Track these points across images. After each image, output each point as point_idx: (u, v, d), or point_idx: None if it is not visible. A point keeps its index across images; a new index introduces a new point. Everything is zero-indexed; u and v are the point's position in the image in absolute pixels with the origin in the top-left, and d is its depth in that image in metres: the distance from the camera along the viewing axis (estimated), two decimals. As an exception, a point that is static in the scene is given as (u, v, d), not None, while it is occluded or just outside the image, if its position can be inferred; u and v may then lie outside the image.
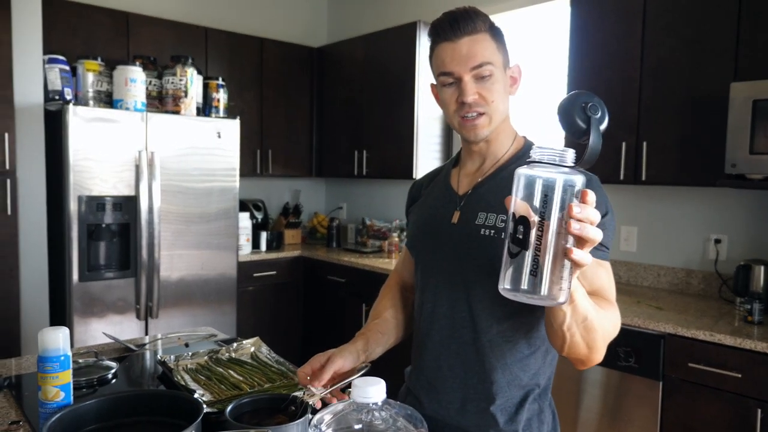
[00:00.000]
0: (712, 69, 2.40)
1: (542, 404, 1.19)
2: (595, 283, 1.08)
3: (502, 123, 1.19)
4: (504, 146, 1.22)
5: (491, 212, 1.15)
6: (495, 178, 1.20)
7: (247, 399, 1.17)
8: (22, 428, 1.17)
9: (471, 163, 1.26)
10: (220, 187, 3.48)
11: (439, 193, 1.30)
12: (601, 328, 1.00)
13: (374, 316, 1.37)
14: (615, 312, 1.08)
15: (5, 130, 2.82)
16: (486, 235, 1.14)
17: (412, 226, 1.34)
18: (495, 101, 1.14)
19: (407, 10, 4.17)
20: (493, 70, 1.13)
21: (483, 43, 1.13)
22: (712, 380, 2.13)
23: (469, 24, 1.12)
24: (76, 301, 3.00)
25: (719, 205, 2.73)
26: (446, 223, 1.22)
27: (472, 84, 1.13)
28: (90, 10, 3.44)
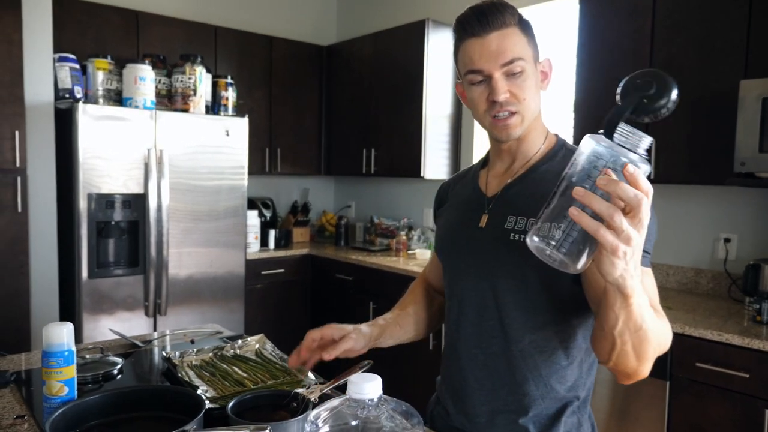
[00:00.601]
0: (722, 67, 2.37)
1: (581, 417, 1.14)
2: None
3: (534, 121, 1.13)
4: (535, 145, 1.16)
5: (521, 216, 1.09)
6: (525, 179, 1.14)
7: (249, 395, 1.18)
8: (27, 423, 1.18)
9: (500, 163, 1.21)
10: (229, 185, 3.50)
11: (467, 195, 1.25)
12: (655, 340, 0.92)
13: (400, 307, 1.36)
14: (667, 323, 0.99)
15: (16, 128, 2.85)
16: (515, 240, 1.08)
17: (440, 230, 1.30)
18: (527, 99, 1.08)
19: (416, 8, 4.17)
20: (525, 65, 1.06)
21: (513, 38, 1.06)
22: (719, 380, 2.11)
23: (497, 18, 1.06)
24: (86, 297, 3.03)
25: (729, 203, 2.70)
26: (474, 226, 1.17)
27: (503, 81, 1.06)
28: (100, 9, 3.47)
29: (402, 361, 3.43)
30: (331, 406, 0.75)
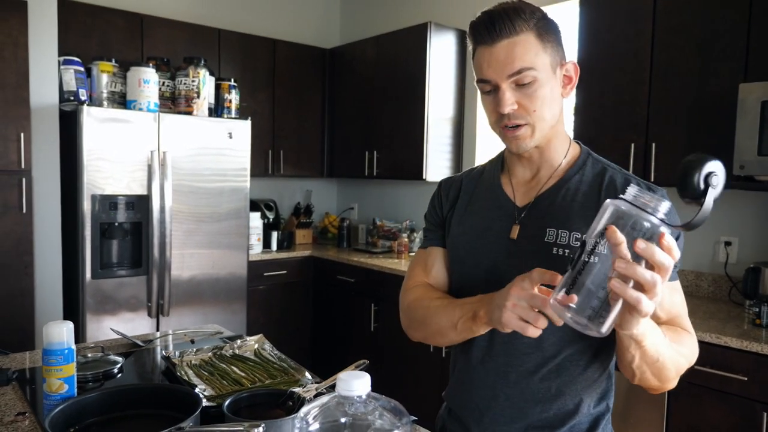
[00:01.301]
0: (721, 70, 2.38)
1: (607, 429, 1.13)
2: (672, 310, 1.03)
3: (554, 128, 1.08)
4: (559, 153, 1.11)
5: (563, 229, 1.05)
6: (559, 190, 1.09)
7: (246, 394, 1.20)
8: (27, 419, 1.20)
9: (523, 170, 1.15)
10: (231, 187, 3.52)
11: (491, 201, 1.17)
12: (674, 365, 0.96)
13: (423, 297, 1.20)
14: (692, 342, 1.02)
15: (21, 130, 2.88)
16: (559, 254, 1.03)
17: (461, 237, 1.18)
18: (538, 110, 1.02)
19: (418, 11, 4.19)
20: (536, 75, 1.00)
21: (524, 46, 1.00)
22: (718, 383, 2.11)
23: (507, 25, 1.00)
24: (89, 298, 3.06)
25: (729, 207, 2.71)
26: (503, 237, 1.10)
27: (510, 92, 1.02)
28: (105, 12, 3.51)
29: (404, 364, 3.45)
30: (320, 403, 0.77)
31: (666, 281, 0.78)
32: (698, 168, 0.79)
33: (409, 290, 1.24)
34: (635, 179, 1.07)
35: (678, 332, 1.01)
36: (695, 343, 1.04)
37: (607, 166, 1.11)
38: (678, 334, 1.01)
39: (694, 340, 1.04)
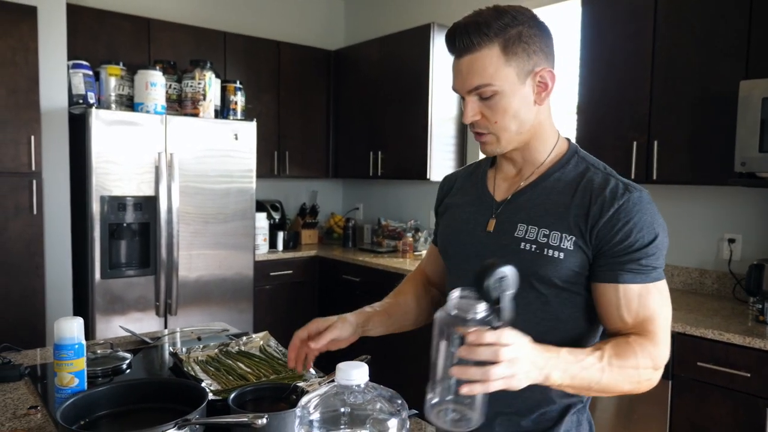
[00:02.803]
0: (723, 67, 2.39)
1: (581, 417, 1.15)
2: (642, 313, 1.03)
3: (532, 130, 1.10)
4: (541, 152, 1.13)
5: (532, 225, 1.08)
6: (536, 187, 1.12)
7: (251, 387, 1.23)
8: (39, 412, 1.24)
9: (508, 167, 1.18)
10: (237, 188, 3.56)
11: (474, 195, 1.22)
12: (623, 381, 0.99)
13: (392, 296, 1.36)
14: (652, 350, 1.01)
15: (32, 133, 2.93)
16: (525, 249, 1.07)
17: (445, 229, 1.26)
18: (499, 121, 1.05)
19: (422, 12, 4.21)
20: (497, 89, 1.03)
21: (486, 60, 1.02)
22: (721, 379, 2.12)
23: (466, 40, 1.02)
24: (98, 297, 3.10)
25: (733, 204, 2.71)
26: (481, 230, 1.15)
27: (474, 104, 1.06)
28: (112, 17, 3.55)
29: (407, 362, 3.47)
30: (320, 392, 0.79)
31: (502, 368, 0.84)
32: (489, 276, 0.86)
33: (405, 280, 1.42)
34: (615, 179, 1.07)
35: (628, 345, 1.00)
36: (659, 349, 1.02)
37: (591, 166, 1.11)
38: (625, 348, 1.00)
39: (658, 346, 1.02)
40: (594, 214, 1.03)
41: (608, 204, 1.03)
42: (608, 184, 1.05)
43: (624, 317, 1.04)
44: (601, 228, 1.03)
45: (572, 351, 0.97)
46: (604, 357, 0.97)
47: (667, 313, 1.06)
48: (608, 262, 1.03)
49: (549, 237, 1.06)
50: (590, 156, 1.15)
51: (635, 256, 1.02)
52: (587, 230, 1.04)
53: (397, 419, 0.77)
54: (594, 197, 1.05)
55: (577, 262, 1.05)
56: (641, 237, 1.01)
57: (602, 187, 1.05)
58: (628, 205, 1.02)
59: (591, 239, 1.04)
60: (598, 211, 1.03)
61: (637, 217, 1.02)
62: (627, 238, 1.01)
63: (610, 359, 0.97)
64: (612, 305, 1.04)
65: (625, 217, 1.02)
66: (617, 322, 1.05)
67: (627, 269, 1.02)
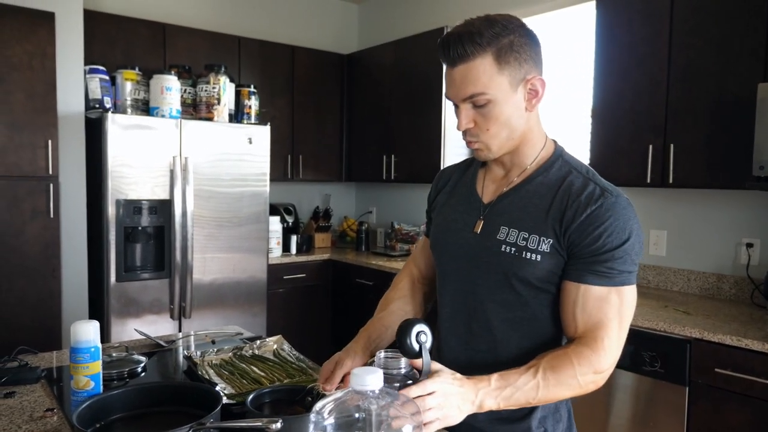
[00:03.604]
0: (740, 70, 2.36)
1: (559, 404, 1.19)
2: (595, 315, 1.07)
3: (522, 136, 1.13)
4: (529, 156, 1.17)
5: (513, 228, 1.13)
6: (520, 191, 1.16)
7: (268, 390, 1.23)
8: (56, 415, 1.25)
9: (497, 169, 1.23)
10: (251, 192, 3.58)
11: (464, 196, 1.27)
12: (564, 392, 1.05)
13: (382, 307, 1.38)
14: (594, 358, 1.05)
15: (49, 138, 2.97)
16: (506, 252, 1.12)
17: (436, 228, 1.31)
18: (491, 129, 1.09)
19: (435, 15, 4.21)
20: (490, 97, 1.06)
21: (478, 70, 1.05)
22: (739, 386, 2.09)
23: (460, 50, 1.05)
24: (114, 300, 3.13)
25: (750, 208, 2.68)
26: (468, 231, 1.20)
27: (467, 112, 1.09)
28: (129, 22, 3.59)
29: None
30: (335, 398, 0.79)
31: (432, 413, 0.93)
32: (408, 332, 0.95)
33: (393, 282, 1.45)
34: (594, 183, 1.10)
35: (566, 357, 1.04)
36: (600, 356, 1.05)
37: (573, 169, 1.15)
38: (563, 361, 1.04)
39: (599, 353, 1.05)
40: (568, 218, 1.08)
41: (582, 208, 1.07)
42: (586, 189, 1.09)
43: (577, 316, 1.08)
44: (573, 231, 1.07)
45: (504, 375, 1.03)
46: (539, 373, 1.03)
47: (624, 319, 1.08)
48: (577, 262, 1.08)
49: (528, 240, 1.11)
50: (575, 159, 1.19)
51: (602, 258, 1.05)
52: (561, 233, 1.09)
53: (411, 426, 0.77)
54: (570, 201, 1.09)
55: (554, 263, 1.10)
56: (610, 241, 1.05)
57: (580, 191, 1.09)
58: (600, 210, 1.06)
59: (565, 241, 1.08)
60: (572, 214, 1.07)
61: (609, 222, 1.05)
62: (596, 241, 1.05)
63: (545, 374, 1.03)
64: (569, 303, 1.09)
65: (597, 221, 1.06)
66: (570, 322, 1.10)
67: (591, 270, 1.06)
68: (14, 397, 1.34)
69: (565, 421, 1.21)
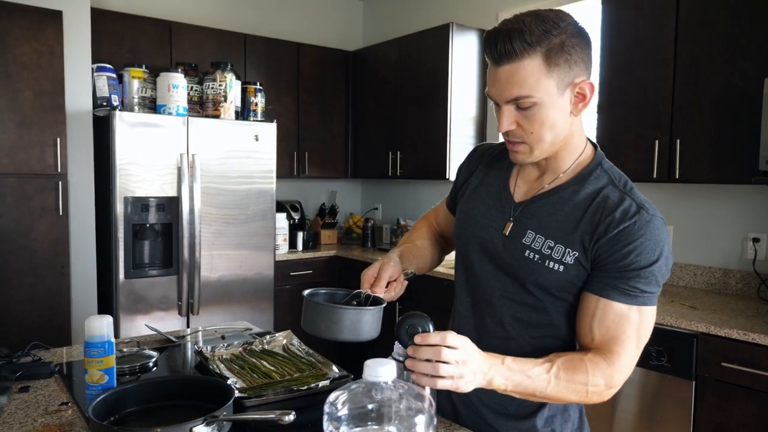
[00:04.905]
0: (746, 65, 2.36)
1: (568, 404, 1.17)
2: (613, 331, 1.04)
3: (564, 141, 1.09)
4: (567, 161, 1.12)
5: (540, 234, 1.10)
6: (552, 196, 1.12)
7: (323, 291, 1.33)
8: (70, 409, 1.26)
9: (531, 169, 1.18)
10: (258, 189, 3.59)
11: (496, 189, 1.23)
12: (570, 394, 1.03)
13: (406, 241, 1.39)
14: (608, 370, 1.03)
15: (57, 135, 2.99)
16: (529, 257, 1.10)
17: (462, 216, 1.28)
18: (536, 132, 1.04)
19: (440, 12, 4.21)
20: (536, 100, 1.01)
21: (526, 71, 0.99)
22: (745, 380, 2.10)
23: (508, 47, 0.99)
24: (122, 297, 3.15)
25: (757, 203, 2.68)
26: (496, 229, 1.17)
27: (509, 113, 1.04)
28: (135, 20, 3.61)
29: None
30: (348, 389, 0.80)
31: (451, 368, 0.91)
32: (401, 326, 0.98)
33: (414, 227, 1.50)
34: (631, 198, 1.06)
35: (582, 362, 1.03)
36: (614, 370, 1.04)
37: (611, 181, 1.10)
38: (578, 365, 1.03)
39: (614, 367, 1.04)
40: (599, 232, 1.04)
41: (615, 224, 1.03)
42: (622, 204, 1.05)
43: (594, 329, 1.06)
44: (603, 245, 1.04)
45: (518, 360, 1.01)
46: (552, 370, 1.01)
47: (641, 338, 1.06)
48: (600, 275, 1.05)
49: (553, 249, 1.08)
50: (614, 168, 1.14)
51: (627, 276, 1.02)
52: (590, 246, 1.05)
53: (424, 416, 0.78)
54: (604, 216, 1.05)
55: (576, 274, 1.07)
56: (638, 260, 1.01)
57: (615, 206, 1.05)
58: (633, 228, 1.02)
59: (591, 254, 1.05)
60: (604, 229, 1.04)
61: (640, 241, 1.01)
62: (624, 258, 1.02)
63: (558, 372, 1.01)
64: (587, 314, 1.07)
65: (628, 238, 1.02)
66: (586, 333, 1.07)
67: (614, 286, 1.03)
68: (29, 392, 1.36)
69: (575, 421, 1.19)
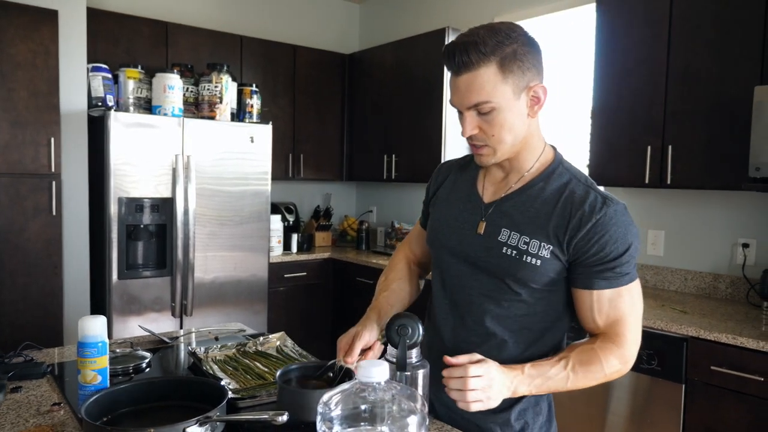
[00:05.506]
0: (738, 73, 2.39)
1: (539, 397, 1.24)
2: (612, 315, 1.14)
3: (524, 141, 1.16)
4: (528, 161, 1.20)
5: (515, 231, 1.17)
6: (521, 195, 1.20)
7: (294, 366, 1.27)
8: (62, 409, 1.27)
9: (496, 172, 1.26)
10: (253, 191, 3.60)
11: (464, 194, 1.29)
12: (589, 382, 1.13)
13: (383, 288, 1.43)
14: (618, 352, 1.13)
15: (51, 135, 2.99)
16: (507, 254, 1.16)
17: (435, 222, 1.34)
18: (497, 135, 1.12)
19: (437, 16, 4.23)
20: (494, 105, 1.09)
21: (483, 78, 1.08)
22: (734, 383, 2.12)
23: (465, 59, 1.07)
24: (115, 298, 3.14)
25: (747, 209, 2.70)
26: (470, 230, 1.23)
27: (472, 119, 1.12)
28: (131, 21, 3.61)
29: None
30: (342, 389, 0.81)
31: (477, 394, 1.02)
32: (390, 326, 1.04)
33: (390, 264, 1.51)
34: (595, 192, 1.15)
35: (593, 352, 1.13)
36: (624, 349, 1.14)
37: (574, 177, 1.19)
38: (590, 356, 1.13)
39: (623, 347, 1.14)
40: (573, 227, 1.12)
41: (587, 218, 1.11)
42: (588, 198, 1.13)
43: (596, 319, 1.16)
44: (579, 240, 1.12)
45: (536, 365, 1.12)
46: (569, 366, 1.12)
47: (637, 311, 1.16)
48: (585, 270, 1.14)
49: (529, 244, 1.15)
50: (573, 167, 1.23)
51: (609, 266, 1.12)
52: (565, 241, 1.13)
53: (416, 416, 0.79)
54: (574, 211, 1.13)
55: (552, 267, 1.15)
56: (615, 248, 1.11)
57: (582, 200, 1.14)
58: (604, 219, 1.11)
59: (568, 249, 1.13)
60: (577, 224, 1.12)
61: (612, 230, 1.10)
62: (602, 249, 1.11)
63: (574, 367, 1.12)
64: (586, 308, 1.16)
65: (601, 230, 1.10)
66: (590, 323, 1.17)
67: (601, 277, 1.13)
68: (21, 392, 1.36)
69: (545, 414, 1.26)
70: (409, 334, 1.02)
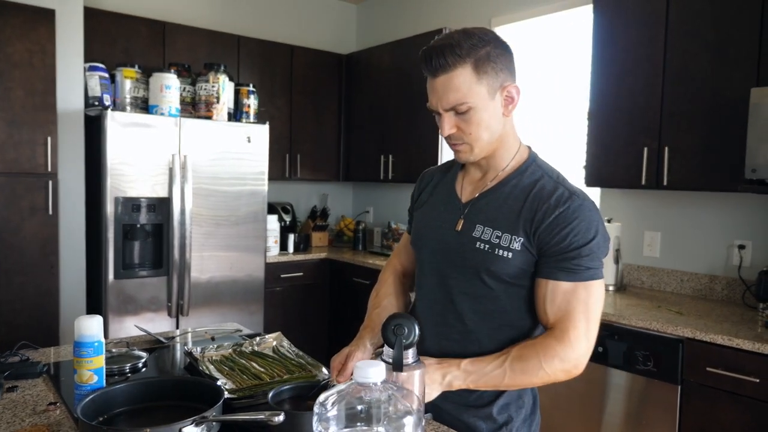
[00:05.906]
0: (734, 74, 2.40)
1: (522, 391, 1.27)
2: (563, 308, 1.15)
3: (500, 140, 1.22)
4: (504, 160, 1.25)
5: (488, 226, 1.21)
6: (495, 192, 1.25)
7: (287, 386, 1.27)
8: (58, 409, 1.26)
9: (474, 171, 1.31)
10: (250, 191, 3.59)
11: (445, 195, 1.35)
12: (523, 382, 1.16)
13: (374, 305, 1.46)
14: (559, 348, 1.13)
15: (48, 135, 2.98)
16: (480, 248, 1.21)
17: (418, 224, 1.39)
18: (473, 133, 1.17)
19: (433, 17, 4.24)
20: (471, 105, 1.14)
21: (459, 79, 1.13)
22: (730, 385, 2.12)
23: (441, 61, 1.13)
24: (112, 297, 3.14)
25: (743, 210, 2.71)
26: (449, 228, 1.28)
27: (449, 118, 1.17)
28: (128, 20, 3.60)
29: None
30: (338, 389, 0.81)
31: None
32: (387, 326, 1.04)
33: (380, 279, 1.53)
34: (564, 187, 1.19)
35: (532, 348, 1.15)
36: (567, 348, 1.14)
37: (545, 174, 1.23)
38: (528, 352, 1.14)
39: (566, 345, 1.13)
40: (538, 219, 1.16)
41: (551, 210, 1.16)
42: (555, 192, 1.18)
43: (547, 310, 1.17)
44: (542, 231, 1.16)
45: (473, 361, 1.15)
46: (506, 362, 1.14)
47: (592, 311, 1.16)
48: (546, 260, 1.17)
49: (501, 238, 1.19)
50: (546, 164, 1.27)
51: (569, 256, 1.14)
52: (532, 233, 1.17)
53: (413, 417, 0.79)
54: (541, 204, 1.17)
55: (524, 260, 1.18)
56: (576, 240, 1.14)
57: (550, 194, 1.18)
58: (567, 212, 1.15)
59: (534, 240, 1.17)
60: (542, 216, 1.16)
61: (575, 223, 1.14)
62: (563, 240, 1.14)
63: (512, 363, 1.14)
64: (540, 298, 1.18)
65: (563, 222, 1.14)
66: (542, 315, 1.19)
67: (560, 267, 1.15)
68: (17, 392, 1.36)
69: (528, 407, 1.28)
70: (405, 334, 1.03)
